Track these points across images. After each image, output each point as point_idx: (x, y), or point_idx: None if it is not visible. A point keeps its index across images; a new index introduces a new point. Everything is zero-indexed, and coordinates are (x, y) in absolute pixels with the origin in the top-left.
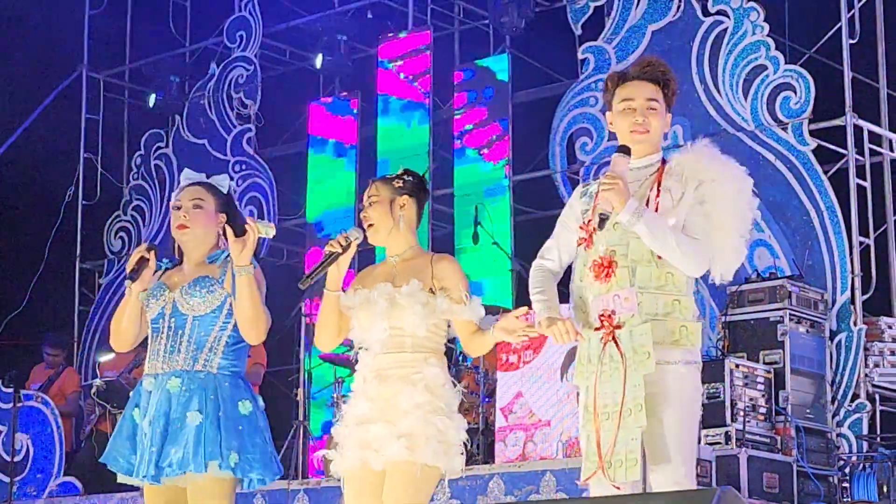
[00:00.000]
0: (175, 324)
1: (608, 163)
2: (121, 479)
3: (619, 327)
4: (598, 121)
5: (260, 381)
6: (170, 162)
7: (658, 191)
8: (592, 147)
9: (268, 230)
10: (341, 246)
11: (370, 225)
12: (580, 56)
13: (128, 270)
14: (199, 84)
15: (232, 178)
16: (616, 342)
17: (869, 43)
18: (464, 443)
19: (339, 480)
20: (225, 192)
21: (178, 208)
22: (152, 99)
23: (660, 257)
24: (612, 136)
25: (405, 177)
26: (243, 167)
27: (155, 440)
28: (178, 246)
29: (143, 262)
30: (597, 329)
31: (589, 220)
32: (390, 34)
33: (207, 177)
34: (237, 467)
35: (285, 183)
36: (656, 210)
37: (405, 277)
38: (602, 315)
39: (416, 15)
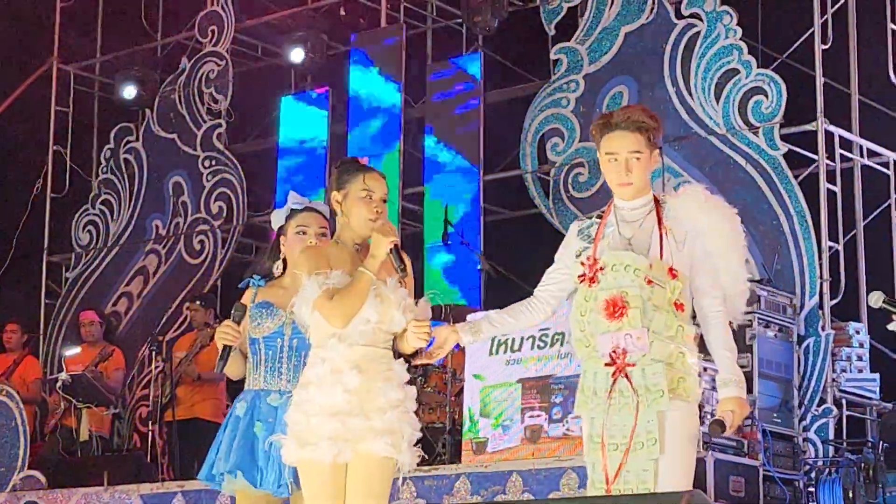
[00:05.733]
0: (297, 345)
1: (580, 164)
2: (234, 487)
3: (631, 365)
4: (569, 121)
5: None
6: (139, 156)
7: (661, 232)
8: (563, 147)
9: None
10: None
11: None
12: (553, 56)
13: (219, 363)
14: (169, 78)
15: (201, 174)
16: (629, 378)
17: (841, 49)
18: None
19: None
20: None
21: (305, 233)
22: (129, 90)
23: (678, 307)
24: (584, 137)
25: None
26: (213, 163)
27: None
28: (274, 263)
29: (228, 350)
30: (607, 364)
31: (595, 261)
32: (363, 31)
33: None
34: None
35: (255, 179)
36: (661, 252)
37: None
38: (613, 352)
39: (390, 12)
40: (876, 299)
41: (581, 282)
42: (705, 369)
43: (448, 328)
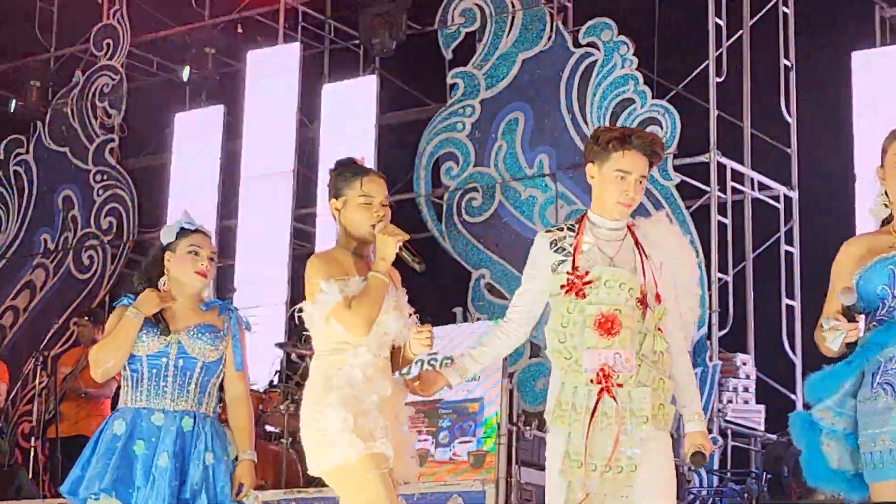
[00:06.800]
0: (183, 365)
1: (474, 188)
2: None
3: (619, 385)
4: (464, 146)
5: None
6: (29, 169)
7: (642, 256)
8: (458, 172)
9: None
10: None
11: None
12: (449, 81)
13: (150, 311)
14: (62, 91)
15: (92, 188)
16: (615, 399)
17: (735, 82)
18: None
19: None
20: None
21: (197, 254)
22: (13, 104)
23: (660, 331)
24: (478, 162)
25: None
26: (104, 177)
27: (174, 475)
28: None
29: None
30: (592, 382)
31: (586, 273)
32: (259, 49)
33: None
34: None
35: (147, 195)
36: (643, 274)
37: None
38: (602, 370)
39: (287, 32)
40: (850, 297)
41: (566, 293)
42: None
43: (433, 371)
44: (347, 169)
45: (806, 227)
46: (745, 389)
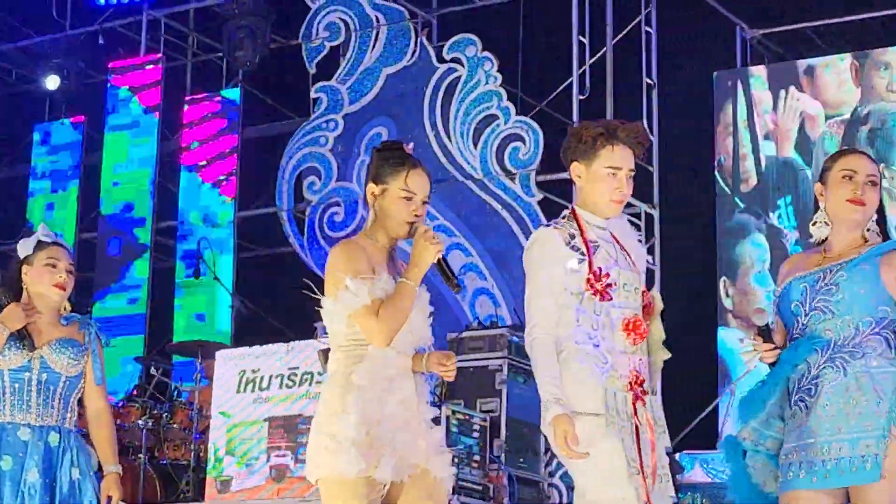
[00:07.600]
0: (47, 379)
1: (336, 203)
2: None
3: (646, 393)
4: (327, 160)
5: None
6: None
7: (632, 260)
8: (321, 186)
9: None
10: None
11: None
12: (313, 95)
13: (16, 326)
14: None
15: None
16: (645, 406)
17: (598, 99)
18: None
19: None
20: None
21: (55, 266)
22: None
23: None
24: (341, 176)
25: None
26: None
27: (45, 490)
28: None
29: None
30: (626, 388)
31: (607, 275)
32: (121, 61)
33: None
34: None
35: (4, 206)
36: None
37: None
38: (635, 375)
39: (149, 44)
40: (761, 318)
41: (593, 294)
42: None
43: (561, 420)
44: (394, 155)
45: (666, 245)
46: None
